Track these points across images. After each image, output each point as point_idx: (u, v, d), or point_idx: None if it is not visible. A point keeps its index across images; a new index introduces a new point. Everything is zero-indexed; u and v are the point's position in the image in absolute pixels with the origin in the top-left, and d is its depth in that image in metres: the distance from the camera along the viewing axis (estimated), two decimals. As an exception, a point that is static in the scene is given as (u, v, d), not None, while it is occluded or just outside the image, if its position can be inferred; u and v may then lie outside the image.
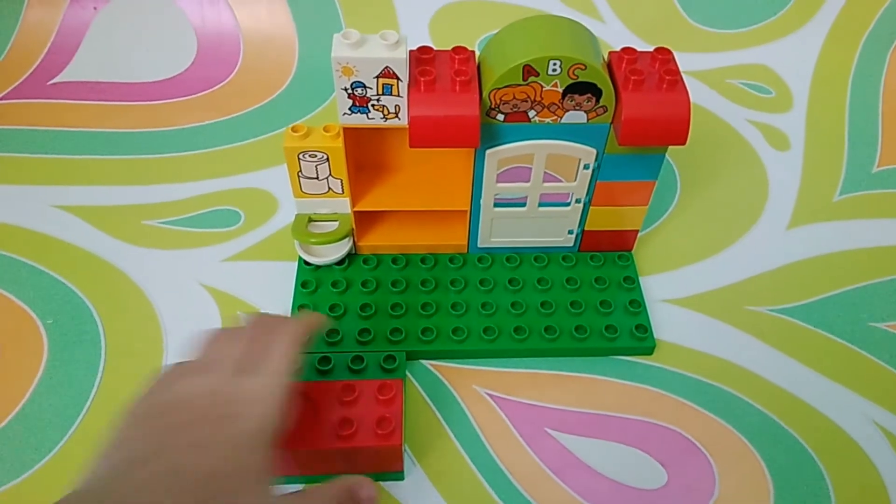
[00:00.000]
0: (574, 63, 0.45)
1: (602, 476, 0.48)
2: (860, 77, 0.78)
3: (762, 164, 0.71)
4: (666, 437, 0.50)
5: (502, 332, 0.54)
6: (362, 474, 0.45)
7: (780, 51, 0.80)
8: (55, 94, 0.76)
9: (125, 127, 0.73)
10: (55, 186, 0.66)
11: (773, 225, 0.65)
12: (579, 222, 0.57)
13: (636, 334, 0.54)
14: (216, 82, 0.77)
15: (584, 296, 0.56)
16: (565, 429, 0.50)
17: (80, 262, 0.60)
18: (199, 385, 0.35)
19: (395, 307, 0.55)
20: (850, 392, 0.53)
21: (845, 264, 0.62)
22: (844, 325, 0.57)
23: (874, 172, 0.70)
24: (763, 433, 0.50)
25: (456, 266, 0.58)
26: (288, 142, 0.52)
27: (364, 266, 0.58)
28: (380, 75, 0.45)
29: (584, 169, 0.52)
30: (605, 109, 0.48)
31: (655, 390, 0.52)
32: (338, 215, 0.56)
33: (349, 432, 0.43)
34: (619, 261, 0.59)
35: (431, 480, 0.47)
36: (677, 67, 0.48)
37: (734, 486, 0.47)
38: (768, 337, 0.56)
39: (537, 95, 0.47)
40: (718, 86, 0.78)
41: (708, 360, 0.54)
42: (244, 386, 0.35)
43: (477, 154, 0.51)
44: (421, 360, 0.54)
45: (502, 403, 0.51)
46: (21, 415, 0.50)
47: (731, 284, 0.60)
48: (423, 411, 0.51)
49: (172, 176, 0.67)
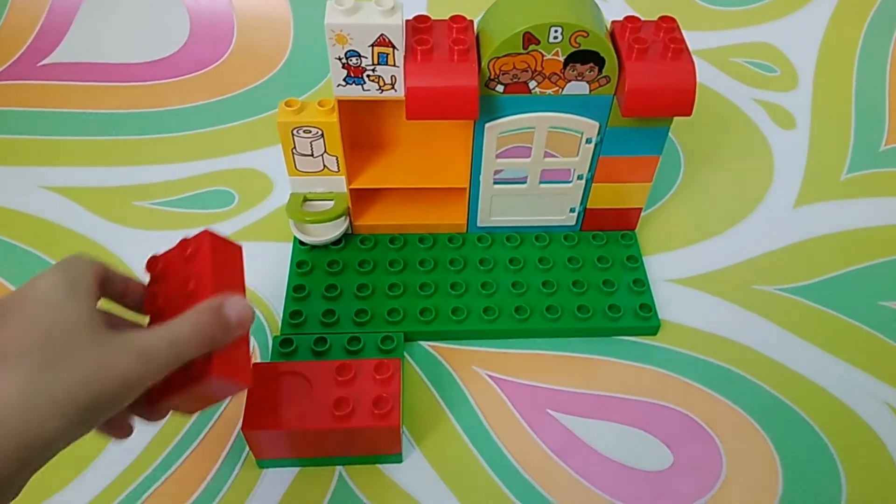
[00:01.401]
0: (576, 30, 0.44)
1: (606, 458, 0.47)
2: (866, 54, 0.76)
3: (768, 143, 0.69)
4: (671, 418, 0.48)
5: (503, 312, 0.52)
6: (359, 457, 0.45)
7: (784, 29, 0.78)
8: (45, 75, 0.74)
9: (116, 108, 0.71)
10: (45, 167, 0.65)
11: (780, 204, 0.63)
12: (581, 200, 0.55)
13: (640, 314, 0.52)
14: (210, 62, 0.76)
15: (587, 275, 0.55)
16: (568, 410, 0.49)
17: (71, 243, 0.58)
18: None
19: (392, 287, 0.53)
20: (860, 372, 0.52)
21: (853, 243, 0.60)
22: (853, 304, 0.56)
23: (882, 151, 0.68)
24: (771, 414, 0.49)
25: (455, 245, 0.57)
26: (281, 116, 0.50)
27: (361, 246, 0.56)
28: (375, 43, 0.44)
29: (587, 143, 0.51)
30: (608, 80, 0.47)
31: (660, 371, 0.51)
32: (333, 194, 0.55)
33: (345, 412, 0.41)
34: (623, 240, 0.58)
35: (431, 463, 0.46)
36: (682, 36, 0.47)
37: (741, 468, 0.46)
38: (775, 316, 0.55)
39: (538, 65, 0.45)
40: (723, 64, 0.76)
41: (713, 340, 0.53)
42: None
43: (476, 128, 0.49)
44: (420, 342, 0.52)
45: (503, 384, 0.50)
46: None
47: (737, 264, 0.58)
48: (423, 393, 0.49)
49: (164, 157, 0.66)
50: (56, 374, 0.27)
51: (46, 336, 0.28)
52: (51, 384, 0.27)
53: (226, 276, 0.35)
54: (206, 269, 0.34)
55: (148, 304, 0.35)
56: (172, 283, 0.35)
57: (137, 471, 0.45)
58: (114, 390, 0.28)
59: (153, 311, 0.35)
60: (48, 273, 0.30)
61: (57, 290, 0.30)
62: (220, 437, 0.47)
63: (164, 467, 0.46)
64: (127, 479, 0.45)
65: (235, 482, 0.45)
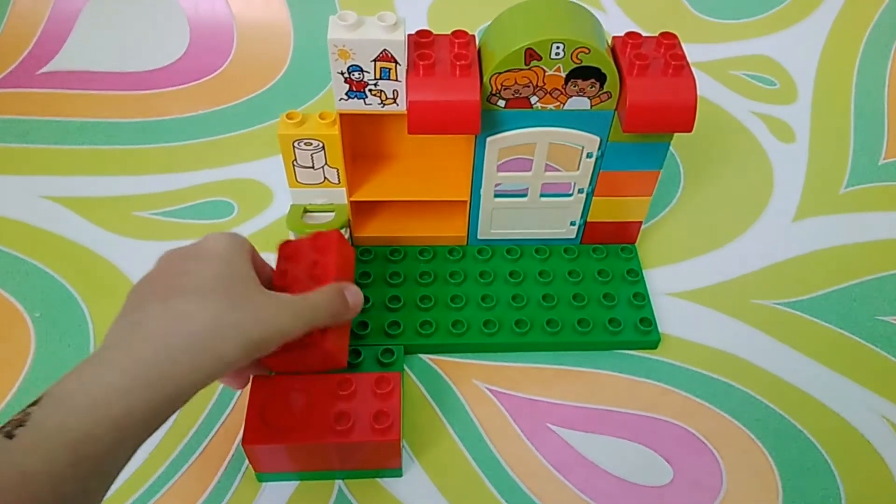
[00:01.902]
0: (578, 46, 0.44)
1: (606, 472, 0.46)
2: (865, 68, 0.76)
3: (767, 156, 0.69)
4: (671, 433, 0.48)
5: (503, 325, 0.52)
6: (359, 471, 0.44)
7: (784, 42, 0.79)
8: (45, 83, 0.74)
9: (116, 117, 0.71)
10: (44, 177, 0.65)
11: (779, 217, 0.64)
12: (582, 213, 0.55)
13: (640, 328, 0.53)
14: (209, 72, 0.76)
15: (587, 289, 0.55)
16: (568, 424, 0.49)
17: (69, 253, 0.58)
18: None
19: (392, 300, 0.53)
20: (858, 386, 0.52)
21: (852, 257, 0.60)
22: (852, 318, 0.56)
23: (881, 164, 0.69)
24: (770, 428, 0.49)
25: (455, 258, 0.57)
26: (282, 129, 0.50)
27: (361, 258, 0.56)
28: (377, 58, 0.44)
29: (587, 157, 0.51)
30: (609, 95, 0.47)
31: (660, 385, 0.51)
32: (334, 206, 0.55)
33: (346, 427, 0.41)
34: (623, 253, 0.58)
35: (430, 477, 0.46)
36: (683, 52, 0.47)
37: (742, 483, 0.46)
38: (775, 331, 0.55)
39: (539, 80, 0.46)
40: (722, 77, 0.77)
41: (714, 355, 0.53)
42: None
43: (477, 142, 0.49)
44: (419, 355, 0.52)
45: (503, 398, 0.50)
46: (7, 411, 0.48)
47: (736, 278, 0.58)
48: (422, 406, 0.49)
49: (164, 166, 0.66)
50: (237, 314, 0.35)
51: (230, 282, 0.36)
52: (234, 319, 0.34)
53: (343, 269, 0.45)
54: (332, 260, 0.44)
55: (277, 278, 0.44)
56: (301, 265, 0.44)
57: (137, 484, 0.45)
58: (271, 335, 0.36)
59: (282, 285, 0.43)
60: (219, 236, 0.39)
61: (230, 250, 0.38)
62: (220, 451, 0.47)
63: (164, 480, 0.45)
64: (126, 492, 0.45)
65: (234, 496, 0.45)
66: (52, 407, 0.30)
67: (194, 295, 0.34)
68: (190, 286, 0.35)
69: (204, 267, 0.36)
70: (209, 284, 0.35)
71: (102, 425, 0.30)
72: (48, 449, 0.29)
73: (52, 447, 0.29)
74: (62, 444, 0.29)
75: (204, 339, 0.33)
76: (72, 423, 0.30)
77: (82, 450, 0.30)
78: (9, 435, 0.29)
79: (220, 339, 0.34)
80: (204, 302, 0.34)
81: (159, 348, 0.32)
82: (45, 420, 0.30)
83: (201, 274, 0.36)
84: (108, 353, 0.33)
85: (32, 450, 0.29)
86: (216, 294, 0.35)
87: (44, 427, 0.29)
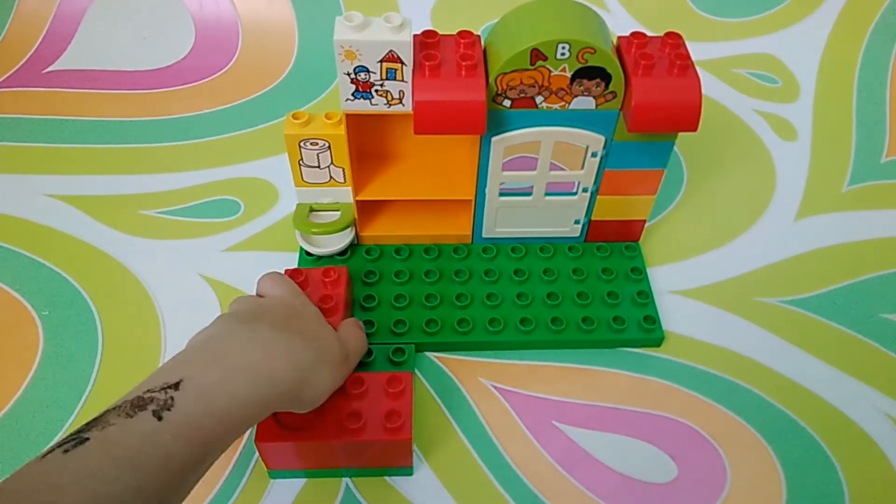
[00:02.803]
0: (583, 47, 0.44)
1: (611, 469, 0.47)
2: (867, 66, 0.76)
3: (769, 155, 0.70)
4: (675, 430, 0.49)
5: (508, 323, 0.53)
6: (370, 469, 0.45)
7: (786, 40, 0.79)
8: (50, 82, 0.75)
9: (121, 116, 0.71)
10: (50, 175, 0.65)
11: (782, 216, 0.64)
12: (586, 212, 0.56)
13: (644, 326, 0.53)
14: (214, 71, 0.76)
15: (591, 287, 0.55)
16: (573, 422, 0.49)
17: (77, 252, 0.59)
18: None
19: (398, 298, 0.54)
20: (862, 384, 0.52)
21: (855, 255, 0.61)
22: (855, 316, 0.56)
23: (883, 162, 0.69)
24: (774, 425, 0.49)
25: (460, 257, 0.57)
26: (289, 129, 0.51)
27: (366, 257, 0.57)
28: (384, 59, 0.44)
29: (592, 157, 0.51)
30: (614, 95, 0.47)
31: (664, 382, 0.51)
32: (340, 205, 0.55)
33: (357, 426, 0.42)
34: (627, 251, 0.58)
35: (437, 474, 0.46)
36: (688, 52, 0.47)
37: (745, 480, 0.47)
38: (778, 329, 0.55)
39: (545, 80, 0.46)
40: (724, 75, 0.77)
41: (717, 352, 0.53)
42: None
43: (483, 141, 0.50)
44: (425, 353, 0.52)
45: (509, 396, 0.50)
46: (16, 408, 0.49)
47: (739, 275, 0.59)
48: (428, 403, 0.50)
49: (170, 165, 0.66)
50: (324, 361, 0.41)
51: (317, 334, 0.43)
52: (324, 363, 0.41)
53: (348, 304, 0.51)
54: (342, 295, 0.49)
55: None
56: (312, 296, 0.48)
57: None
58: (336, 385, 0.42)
59: None
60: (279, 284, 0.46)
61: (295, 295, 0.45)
62: (230, 447, 0.47)
63: (172, 478, 0.46)
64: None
65: (243, 492, 0.45)
66: (194, 399, 0.33)
67: (300, 336, 0.40)
68: (295, 328, 0.41)
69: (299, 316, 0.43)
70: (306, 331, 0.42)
71: (226, 426, 0.33)
72: (189, 440, 0.31)
73: (192, 440, 0.31)
74: (200, 439, 0.32)
75: (301, 376, 0.38)
76: (209, 421, 0.32)
77: (208, 449, 0.32)
78: (158, 416, 0.31)
79: (307, 382, 0.39)
80: (305, 342, 0.40)
81: (272, 373, 0.36)
82: (189, 411, 0.32)
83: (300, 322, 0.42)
84: (232, 359, 0.36)
85: (178, 437, 0.31)
86: (309, 339, 0.41)
87: (190, 418, 0.32)
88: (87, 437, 0.29)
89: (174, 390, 0.32)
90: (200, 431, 0.32)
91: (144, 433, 0.30)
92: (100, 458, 0.28)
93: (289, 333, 0.39)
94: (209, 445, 0.32)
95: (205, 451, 0.32)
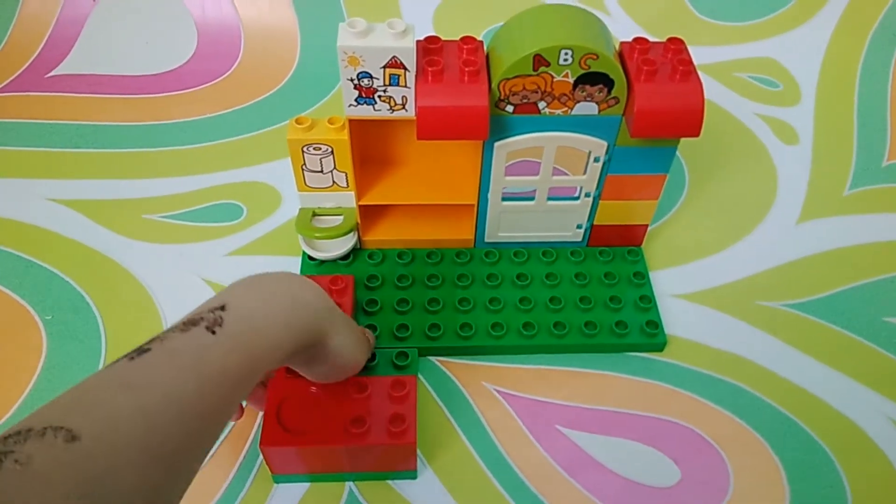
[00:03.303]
0: (586, 53, 0.44)
1: (614, 473, 0.47)
2: (868, 70, 0.77)
3: (771, 158, 0.70)
4: (678, 434, 0.49)
5: (510, 328, 0.53)
6: (374, 472, 0.45)
7: (787, 44, 0.79)
8: (53, 86, 0.75)
9: (124, 120, 0.72)
10: (53, 180, 0.65)
11: (783, 219, 0.64)
12: (588, 216, 0.56)
13: (647, 330, 0.53)
14: (217, 75, 0.76)
15: (594, 291, 0.55)
16: (576, 426, 0.49)
17: (79, 256, 0.59)
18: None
19: (401, 303, 0.54)
20: (865, 388, 0.52)
21: (857, 259, 0.61)
22: (858, 320, 0.56)
23: (884, 166, 0.69)
24: (777, 429, 0.49)
25: (462, 261, 0.57)
26: (292, 134, 0.51)
27: (369, 261, 0.57)
28: (387, 65, 0.44)
29: (595, 162, 0.51)
30: (616, 100, 0.47)
31: (667, 386, 0.52)
32: (342, 209, 0.55)
33: (362, 430, 0.42)
34: (629, 256, 0.58)
35: (440, 477, 0.46)
36: (690, 58, 0.47)
37: (748, 483, 0.47)
38: (781, 332, 0.55)
39: (548, 86, 0.46)
40: (726, 79, 0.77)
41: (720, 356, 0.53)
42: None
43: (485, 146, 0.50)
44: (428, 357, 0.53)
45: (512, 400, 0.50)
46: (19, 413, 0.49)
47: (741, 279, 0.59)
48: (431, 408, 0.50)
49: (172, 170, 0.66)
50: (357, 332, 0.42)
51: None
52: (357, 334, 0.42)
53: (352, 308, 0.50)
54: (349, 302, 0.49)
55: None
56: None
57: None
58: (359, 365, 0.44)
59: None
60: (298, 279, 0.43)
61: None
62: (233, 451, 0.47)
63: (176, 483, 0.46)
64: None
65: (247, 496, 0.45)
66: (238, 318, 0.34)
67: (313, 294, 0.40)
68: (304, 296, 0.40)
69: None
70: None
71: (270, 344, 0.35)
72: (240, 354, 0.33)
73: (242, 354, 0.33)
74: (248, 354, 0.33)
75: (340, 318, 0.40)
76: (255, 339, 0.34)
77: (255, 364, 0.34)
78: (211, 331, 0.32)
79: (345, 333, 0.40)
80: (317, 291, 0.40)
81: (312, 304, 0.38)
82: (236, 329, 0.33)
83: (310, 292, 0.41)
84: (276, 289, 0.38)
85: (232, 350, 0.32)
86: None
87: (240, 335, 0.33)
88: (149, 348, 0.31)
89: (221, 311, 0.34)
90: (248, 348, 0.33)
91: (203, 345, 0.32)
92: (166, 364, 0.30)
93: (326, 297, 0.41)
94: (257, 361, 0.34)
95: (252, 368, 0.33)
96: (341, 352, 0.41)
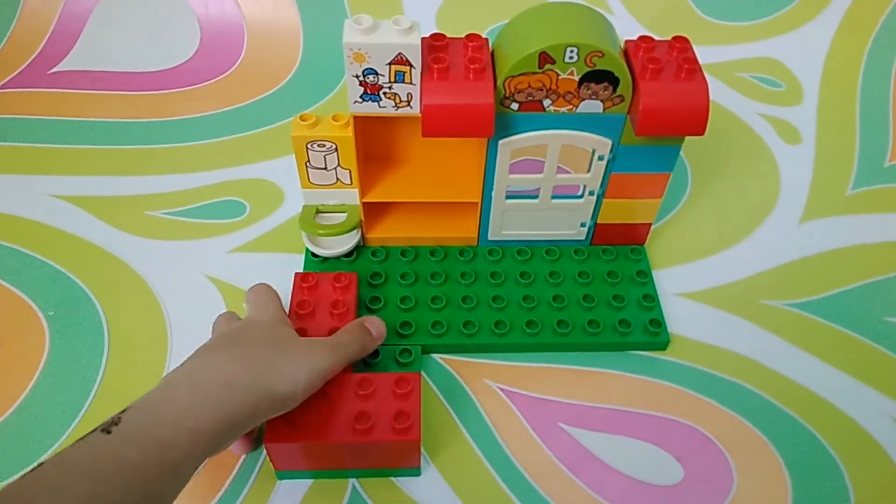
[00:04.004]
0: (591, 50, 0.44)
1: (617, 472, 0.47)
2: (871, 70, 0.77)
3: (773, 158, 0.70)
4: (681, 433, 0.49)
5: (514, 326, 0.53)
6: (378, 469, 0.45)
7: (790, 44, 0.79)
8: (55, 83, 0.75)
9: (127, 117, 0.71)
10: (56, 176, 0.65)
11: (786, 219, 0.64)
12: (592, 215, 0.56)
13: (650, 329, 0.53)
14: (220, 72, 0.76)
15: (597, 290, 0.55)
16: (579, 424, 0.49)
17: (82, 252, 0.59)
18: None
19: (404, 300, 0.54)
20: (867, 387, 0.52)
21: (860, 259, 0.61)
22: (860, 319, 0.56)
23: (887, 166, 0.69)
24: (780, 429, 0.49)
25: (466, 259, 0.57)
26: (296, 131, 0.51)
27: (372, 258, 0.57)
28: (392, 62, 0.44)
29: (599, 160, 0.51)
30: (621, 99, 0.47)
31: (670, 385, 0.52)
32: (346, 206, 0.55)
33: (366, 427, 0.42)
34: (632, 254, 0.58)
35: (443, 475, 0.46)
36: (695, 56, 0.47)
37: (752, 483, 0.47)
38: (784, 331, 0.55)
39: (553, 84, 0.46)
40: (728, 79, 0.77)
41: (723, 355, 0.54)
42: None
43: (490, 144, 0.50)
44: (431, 354, 0.53)
45: (515, 398, 0.50)
46: (22, 408, 0.49)
47: (744, 278, 0.59)
48: (435, 405, 0.50)
49: (175, 166, 0.66)
50: (284, 356, 0.41)
51: (276, 337, 0.43)
52: (283, 360, 0.41)
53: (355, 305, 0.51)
54: (353, 299, 0.50)
55: (298, 306, 0.50)
56: (324, 299, 0.50)
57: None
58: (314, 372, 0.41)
59: (303, 313, 0.49)
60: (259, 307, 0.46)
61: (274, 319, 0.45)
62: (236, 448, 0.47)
63: (179, 479, 0.46)
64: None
65: (250, 492, 0.45)
66: (141, 414, 0.35)
67: (249, 346, 0.41)
68: (245, 340, 0.42)
69: (255, 329, 0.43)
70: (262, 339, 0.42)
71: (183, 433, 0.35)
72: (143, 445, 0.33)
73: (146, 444, 0.33)
74: (153, 442, 0.34)
75: (256, 375, 0.39)
76: (160, 429, 0.34)
77: (167, 454, 0.34)
78: (106, 431, 0.33)
79: (272, 376, 0.39)
80: (258, 348, 0.41)
81: (221, 378, 0.38)
82: (138, 422, 0.34)
83: (253, 333, 0.43)
84: (180, 379, 0.38)
85: (130, 443, 0.33)
86: (266, 344, 0.42)
87: (138, 428, 0.34)
88: (41, 463, 0.32)
89: (120, 413, 0.35)
90: (155, 440, 0.34)
91: (95, 445, 0.33)
92: (54, 473, 0.31)
93: (243, 346, 0.41)
94: (170, 451, 0.34)
95: (167, 458, 0.34)
96: (293, 387, 0.40)
